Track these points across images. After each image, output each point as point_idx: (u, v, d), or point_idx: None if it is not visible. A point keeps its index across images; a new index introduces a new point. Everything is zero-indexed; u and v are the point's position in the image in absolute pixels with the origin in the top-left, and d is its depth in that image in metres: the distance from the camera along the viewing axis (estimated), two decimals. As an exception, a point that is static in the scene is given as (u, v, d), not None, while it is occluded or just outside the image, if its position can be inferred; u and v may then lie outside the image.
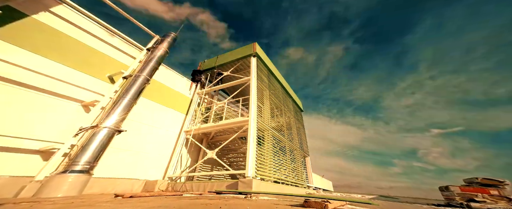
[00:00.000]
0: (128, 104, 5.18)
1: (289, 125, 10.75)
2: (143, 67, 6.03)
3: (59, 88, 4.58)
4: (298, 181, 8.84)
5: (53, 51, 4.73)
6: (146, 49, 6.93)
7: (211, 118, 7.89)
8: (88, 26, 5.65)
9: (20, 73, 4.05)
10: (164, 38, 7.24)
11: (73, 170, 3.86)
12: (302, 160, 10.95)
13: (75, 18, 5.38)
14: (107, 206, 2.46)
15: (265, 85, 8.70)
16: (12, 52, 4.07)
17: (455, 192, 7.63)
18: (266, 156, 6.56)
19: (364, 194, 16.38)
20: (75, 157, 4.05)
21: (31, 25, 4.50)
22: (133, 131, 5.93)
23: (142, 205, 2.58)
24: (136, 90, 5.48)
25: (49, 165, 3.91)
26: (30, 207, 2.35)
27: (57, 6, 5.09)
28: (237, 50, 9.30)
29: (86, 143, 4.28)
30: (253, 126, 6.14)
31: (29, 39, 4.39)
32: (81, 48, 5.34)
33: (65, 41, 5.04)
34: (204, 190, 5.39)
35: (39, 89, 4.29)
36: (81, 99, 4.94)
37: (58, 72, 4.66)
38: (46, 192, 3.50)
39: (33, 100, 4.18)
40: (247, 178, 4.95)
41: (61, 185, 3.63)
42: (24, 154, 3.83)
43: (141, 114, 6.41)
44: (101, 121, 4.66)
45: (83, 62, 5.26)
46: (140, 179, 5.91)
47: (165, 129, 7.23)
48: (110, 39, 6.14)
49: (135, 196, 3.80)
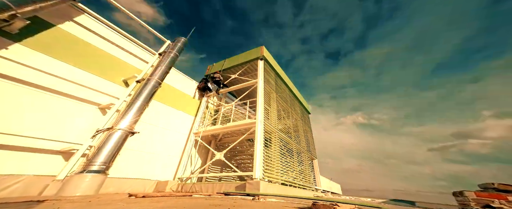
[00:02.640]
0: (141, 107, 5.40)
1: (296, 127, 10.74)
2: (155, 71, 6.28)
3: (79, 92, 4.89)
4: (306, 183, 8.81)
5: (75, 58, 5.06)
6: (158, 54, 7.20)
7: (219, 120, 8.05)
8: (105, 32, 5.98)
9: (45, 79, 4.37)
10: (175, 43, 7.49)
11: (90, 170, 4.09)
12: (309, 163, 10.89)
13: (93, 26, 5.72)
14: (122, 206, 2.62)
15: (272, 87, 8.77)
16: (39, 59, 4.40)
17: (470, 198, 7.34)
18: (273, 158, 6.61)
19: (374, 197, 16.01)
20: (92, 157, 4.29)
21: (55, 33, 4.85)
22: (145, 132, 6.17)
23: (154, 205, 2.72)
24: (148, 93, 5.71)
25: (69, 165, 4.17)
26: (52, 205, 2.55)
27: (79, 16, 5.46)
28: (244, 53, 9.43)
29: (102, 144, 4.51)
30: (260, 128, 6.22)
31: (54, 46, 4.72)
32: (99, 54, 5.65)
33: (85, 48, 5.37)
34: (212, 191, 5.51)
35: (62, 94, 4.60)
36: (98, 102, 5.23)
37: (79, 77, 4.97)
38: (66, 191, 3.73)
39: (56, 103, 4.49)
40: (254, 180, 5.02)
41: (80, 184, 3.86)
42: (47, 154, 4.11)
43: (153, 116, 6.65)
44: (116, 123, 4.90)
45: (100, 67, 5.56)
46: (151, 179, 6.13)
47: (175, 131, 7.45)
48: (125, 44, 6.45)
49: (147, 196, 3.97)
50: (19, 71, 4.04)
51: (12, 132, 3.69)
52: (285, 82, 10.94)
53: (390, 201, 13.13)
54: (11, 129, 3.72)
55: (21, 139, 3.76)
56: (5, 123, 3.71)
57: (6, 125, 3.71)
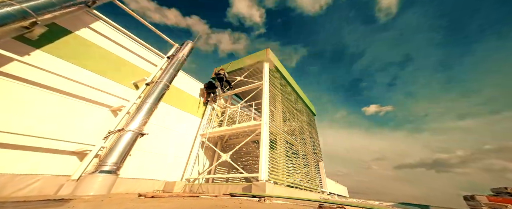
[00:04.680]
0: (150, 109, 5.57)
1: (302, 129, 10.72)
2: (163, 74, 6.45)
3: (92, 95, 5.10)
4: (312, 185, 8.78)
5: (88, 61, 5.30)
6: (166, 57, 7.39)
7: (225, 122, 8.15)
8: (116, 36, 6.22)
9: (62, 82, 4.59)
10: (183, 46, 7.68)
11: (102, 170, 4.25)
12: (315, 165, 10.84)
13: (105, 30, 5.97)
14: (133, 206, 2.74)
15: (277, 89, 8.81)
16: (56, 63, 4.64)
17: (481, 202, 7.12)
18: (278, 159, 6.64)
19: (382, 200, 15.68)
20: (104, 158, 4.46)
21: (71, 39, 5.11)
22: (153, 134, 6.34)
23: (162, 205, 2.82)
24: (157, 95, 5.88)
25: (82, 165, 4.35)
26: (68, 204, 2.68)
27: (93, 22, 5.74)
28: (250, 55, 9.53)
29: (114, 145, 4.68)
30: (265, 130, 6.28)
31: (69, 51, 4.97)
32: (110, 58, 5.89)
33: (98, 52, 5.62)
34: (219, 192, 5.59)
35: (76, 96, 4.83)
36: (110, 105, 5.43)
37: (92, 80, 5.19)
38: (80, 190, 3.90)
39: (71, 106, 4.71)
40: (260, 182, 5.07)
41: (93, 184, 4.02)
42: (62, 155, 4.30)
43: (161, 118, 6.83)
44: (126, 125, 5.06)
45: (112, 71, 5.79)
46: (160, 180, 6.28)
47: (182, 132, 7.60)
48: (135, 48, 6.67)
49: (156, 196, 4.09)
50: (39, 75, 4.27)
51: (31, 134, 3.89)
52: (290, 84, 10.96)
53: (399, 204, 12.80)
54: (30, 131, 3.93)
55: (39, 140, 3.97)
56: (25, 125, 3.93)
57: (26, 127, 3.93)
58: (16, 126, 3.81)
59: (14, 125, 3.79)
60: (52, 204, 2.70)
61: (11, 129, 3.70)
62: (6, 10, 3.53)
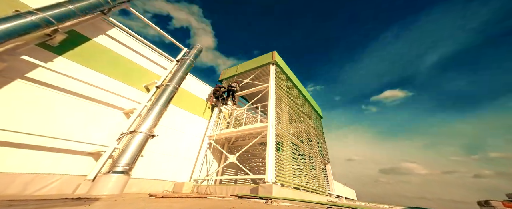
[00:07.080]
0: (160, 111, 5.76)
1: (308, 131, 10.70)
2: (173, 77, 6.65)
3: (107, 98, 5.34)
4: (319, 188, 8.73)
5: (103, 66, 5.55)
6: (175, 61, 7.60)
7: (231, 123, 8.26)
8: (129, 42, 6.48)
9: (79, 86, 4.84)
10: (191, 50, 7.88)
11: (115, 171, 4.44)
12: (322, 167, 10.76)
13: (119, 36, 6.23)
14: (144, 205, 2.86)
15: (283, 92, 8.85)
16: (73, 68, 4.90)
17: (497, 208, 6.88)
18: (285, 161, 6.67)
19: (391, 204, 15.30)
20: (117, 159, 4.65)
21: (88, 44, 5.38)
22: (163, 135, 6.53)
23: (172, 206, 2.93)
24: (166, 98, 6.07)
25: (97, 166, 4.55)
26: (84, 203, 2.84)
27: (111, 29, 6.06)
28: (257, 58, 9.63)
29: (126, 147, 4.87)
30: (271, 132, 6.33)
31: (86, 56, 5.23)
32: (124, 62, 6.14)
33: (112, 57, 5.88)
34: (226, 193, 5.68)
35: (92, 99, 5.07)
36: (123, 107, 5.65)
37: (106, 83, 5.42)
38: (95, 190, 4.09)
39: (87, 108, 4.96)
40: (267, 183, 5.13)
41: (107, 184, 4.21)
42: (79, 155, 4.53)
43: (170, 120, 7.02)
44: (138, 126, 5.26)
45: (125, 74, 6.04)
46: (169, 180, 6.45)
47: (191, 134, 7.77)
48: (146, 52, 6.91)
49: (166, 196, 4.24)
50: (59, 80, 4.53)
51: (51, 135, 4.12)
52: (297, 86, 10.97)
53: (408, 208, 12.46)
54: (50, 132, 4.16)
55: (58, 141, 4.19)
56: (45, 126, 4.17)
57: (46, 128, 4.16)
58: (38, 128, 4.05)
59: (37, 127, 4.04)
60: (70, 203, 2.86)
61: (34, 131, 3.93)
62: (31, 19, 3.78)
